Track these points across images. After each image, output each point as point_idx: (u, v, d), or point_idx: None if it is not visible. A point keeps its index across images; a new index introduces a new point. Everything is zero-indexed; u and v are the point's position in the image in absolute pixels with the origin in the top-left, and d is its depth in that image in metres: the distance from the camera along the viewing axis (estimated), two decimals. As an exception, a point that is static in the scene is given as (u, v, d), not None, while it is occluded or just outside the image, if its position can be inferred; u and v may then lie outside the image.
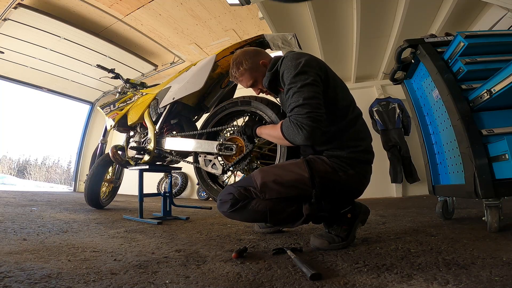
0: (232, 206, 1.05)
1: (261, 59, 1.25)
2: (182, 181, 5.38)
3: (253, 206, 1.04)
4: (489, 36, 1.56)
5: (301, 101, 0.94)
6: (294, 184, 1.02)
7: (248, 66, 1.24)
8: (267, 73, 1.19)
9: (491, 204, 1.21)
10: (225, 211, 1.07)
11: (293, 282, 0.72)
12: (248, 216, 1.08)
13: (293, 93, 0.98)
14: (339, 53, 4.26)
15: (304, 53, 1.13)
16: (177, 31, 4.53)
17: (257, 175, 1.06)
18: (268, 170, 1.08)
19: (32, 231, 1.35)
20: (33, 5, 3.79)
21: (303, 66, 1.02)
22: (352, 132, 1.08)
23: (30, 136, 56.10)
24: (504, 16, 2.78)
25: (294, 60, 1.06)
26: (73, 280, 0.72)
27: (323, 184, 1.02)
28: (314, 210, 1.03)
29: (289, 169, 1.05)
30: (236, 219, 1.14)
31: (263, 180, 1.03)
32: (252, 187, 1.04)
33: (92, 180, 2.40)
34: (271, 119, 1.38)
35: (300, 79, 0.99)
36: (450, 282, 0.68)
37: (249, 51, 1.30)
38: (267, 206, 1.04)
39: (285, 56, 1.14)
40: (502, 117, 1.31)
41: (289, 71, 1.04)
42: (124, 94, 2.41)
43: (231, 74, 1.31)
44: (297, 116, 0.94)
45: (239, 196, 1.04)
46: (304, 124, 0.92)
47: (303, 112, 0.93)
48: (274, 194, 1.03)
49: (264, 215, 1.05)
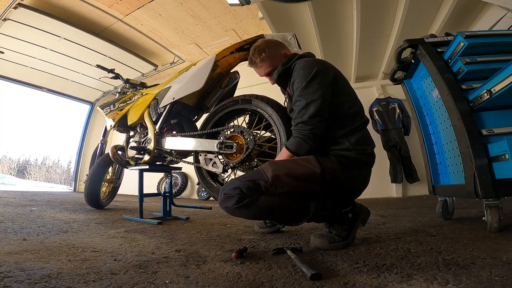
0: (239, 201, 0.96)
1: (284, 50, 1.31)
2: (182, 181, 5.38)
3: (261, 202, 0.98)
4: (489, 36, 1.56)
5: (305, 118, 1.06)
6: (306, 178, 1.00)
7: (270, 54, 1.28)
8: (280, 67, 1.23)
9: (491, 204, 1.21)
10: (229, 206, 0.99)
11: (293, 282, 0.72)
12: (254, 213, 1.01)
13: (300, 109, 1.08)
14: (339, 53, 4.25)
15: (316, 61, 1.16)
16: (177, 31, 4.53)
17: (267, 168, 1.01)
18: (279, 163, 1.04)
19: (32, 231, 1.35)
20: (33, 5, 3.80)
21: (313, 78, 1.08)
22: (361, 136, 1.11)
23: (30, 136, 56.11)
24: (504, 16, 2.78)
25: (306, 69, 1.10)
26: (73, 280, 0.72)
27: (332, 181, 1.02)
28: (320, 208, 1.03)
29: (300, 163, 1.03)
30: (240, 216, 1.05)
31: (275, 173, 0.99)
32: (262, 180, 0.99)
33: (92, 180, 2.39)
34: (272, 117, 1.39)
35: (307, 93, 1.08)
36: (450, 282, 0.68)
37: (272, 40, 1.37)
38: (276, 202, 0.99)
39: (299, 60, 1.18)
40: (502, 117, 1.30)
41: (300, 81, 1.10)
42: (124, 94, 2.41)
43: (250, 60, 1.33)
44: (301, 131, 1.06)
45: (247, 191, 0.96)
46: (308, 139, 1.06)
47: (307, 128, 1.05)
48: (286, 187, 0.98)
49: (271, 212, 1.00)
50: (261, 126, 1.50)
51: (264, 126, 1.51)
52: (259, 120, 1.52)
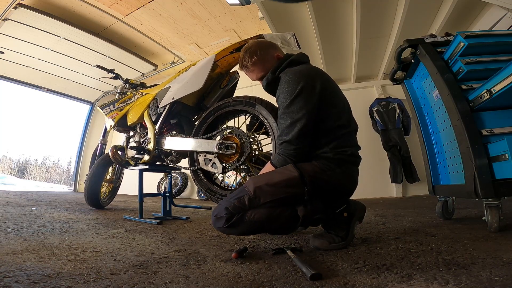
0: (228, 220, 1.00)
1: (276, 52, 1.26)
2: (182, 181, 5.38)
3: (248, 217, 1.01)
4: (489, 36, 1.56)
5: (289, 137, 1.06)
6: (286, 183, 1.02)
7: (262, 57, 1.22)
8: (269, 73, 1.20)
9: (491, 204, 1.21)
10: (221, 227, 1.03)
11: (293, 282, 0.72)
12: (245, 229, 1.04)
13: (284, 127, 1.08)
14: (339, 53, 4.25)
15: (302, 74, 1.11)
16: (177, 31, 4.53)
17: (249, 183, 1.06)
18: (259, 176, 1.10)
19: (32, 231, 1.35)
20: (33, 5, 3.79)
21: (298, 95, 1.06)
22: (341, 141, 1.10)
23: (30, 136, 56.05)
24: (504, 16, 2.78)
25: (291, 84, 1.08)
26: (73, 280, 0.72)
27: (314, 182, 1.03)
28: (308, 211, 1.03)
29: (278, 171, 1.07)
30: (233, 234, 1.11)
31: (256, 185, 1.03)
32: (245, 195, 1.02)
33: (92, 180, 2.39)
34: (272, 128, 1.38)
35: (292, 111, 1.07)
36: (450, 282, 0.68)
37: (264, 42, 1.31)
38: (263, 214, 1.01)
39: (287, 70, 1.15)
40: (502, 117, 1.30)
41: (284, 98, 1.09)
42: (123, 94, 2.41)
43: (241, 63, 1.27)
44: (285, 150, 1.08)
45: (233, 209, 1.01)
46: (292, 157, 1.07)
47: (291, 148, 1.07)
48: (269, 196, 1.01)
49: (261, 224, 1.02)
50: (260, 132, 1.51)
51: (264, 132, 1.52)
52: (260, 125, 1.50)
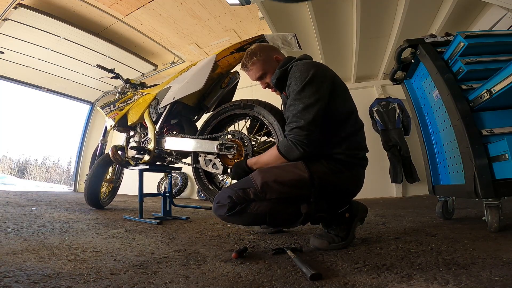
0: (230, 209, 1.01)
1: (276, 54, 1.29)
2: (182, 181, 5.38)
3: (251, 209, 1.01)
4: (489, 36, 1.56)
5: (301, 123, 1.02)
6: (294, 183, 1.02)
7: (261, 58, 1.26)
8: (277, 70, 1.21)
9: (491, 204, 1.21)
10: (222, 214, 1.03)
11: (293, 282, 0.72)
12: (246, 220, 1.05)
13: (295, 112, 1.05)
14: (339, 53, 4.25)
15: (314, 64, 1.14)
16: (177, 31, 4.53)
17: (256, 176, 1.04)
18: (268, 170, 1.06)
19: (32, 231, 1.35)
20: (33, 5, 3.79)
21: (311, 81, 1.05)
22: (354, 141, 1.11)
23: (30, 136, 56.06)
24: (504, 16, 2.78)
25: (304, 72, 1.08)
26: (73, 280, 0.72)
27: (322, 185, 1.02)
28: (312, 209, 1.03)
29: (288, 169, 1.05)
30: (233, 223, 1.11)
31: (264, 180, 1.01)
32: (251, 188, 1.02)
33: (92, 180, 2.39)
34: (273, 126, 1.38)
35: (304, 97, 1.05)
36: (450, 282, 0.68)
37: (265, 45, 1.36)
38: (266, 208, 1.01)
39: (297, 63, 1.16)
40: (502, 117, 1.30)
41: (296, 84, 1.07)
42: (124, 94, 2.41)
43: (242, 63, 1.32)
44: (296, 136, 1.03)
45: (237, 199, 1.00)
46: (302, 144, 1.03)
47: (302, 134, 1.02)
48: (275, 194, 1.01)
49: (263, 217, 1.03)
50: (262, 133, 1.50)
51: (265, 133, 1.51)
52: (260, 126, 1.50)
